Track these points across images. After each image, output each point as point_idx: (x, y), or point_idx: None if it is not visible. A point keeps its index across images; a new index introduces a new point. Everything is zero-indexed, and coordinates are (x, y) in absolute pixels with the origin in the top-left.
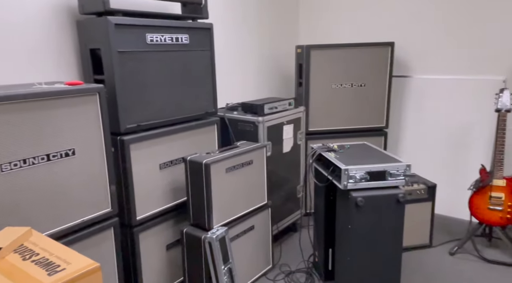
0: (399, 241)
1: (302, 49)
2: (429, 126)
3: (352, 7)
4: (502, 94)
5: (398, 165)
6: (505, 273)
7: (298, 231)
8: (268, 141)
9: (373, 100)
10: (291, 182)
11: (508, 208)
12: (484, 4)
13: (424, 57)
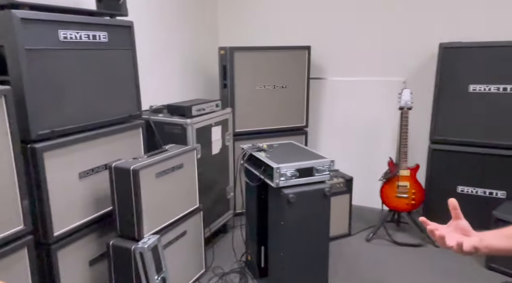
0: (327, 232)
1: (225, 50)
2: (343, 124)
3: (270, 11)
4: (403, 93)
5: (323, 161)
6: (412, 253)
7: (230, 232)
8: (197, 144)
9: (294, 101)
10: (221, 184)
11: (413, 195)
12: (386, 13)
13: (337, 60)
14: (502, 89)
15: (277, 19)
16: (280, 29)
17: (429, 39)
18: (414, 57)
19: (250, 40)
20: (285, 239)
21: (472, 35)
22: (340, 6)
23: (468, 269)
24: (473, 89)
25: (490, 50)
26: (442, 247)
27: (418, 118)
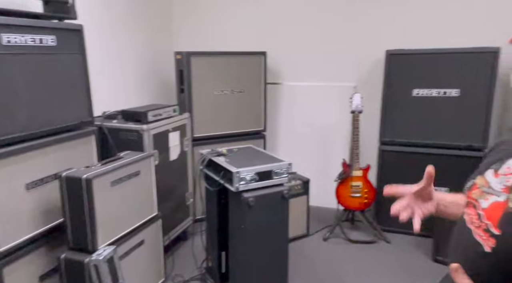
0: (286, 234)
1: (182, 55)
2: (300, 128)
3: (226, 16)
4: (354, 98)
5: (281, 164)
6: (366, 250)
7: (190, 239)
8: (154, 150)
9: (251, 105)
10: (180, 190)
11: (365, 194)
12: (338, 22)
13: (292, 66)
14: (442, 93)
15: (234, 25)
16: (237, 35)
17: (377, 46)
18: (364, 63)
19: (208, 45)
20: (245, 242)
21: (416, 42)
22: (295, 14)
23: (417, 262)
24: (417, 93)
25: (432, 57)
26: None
27: (369, 121)
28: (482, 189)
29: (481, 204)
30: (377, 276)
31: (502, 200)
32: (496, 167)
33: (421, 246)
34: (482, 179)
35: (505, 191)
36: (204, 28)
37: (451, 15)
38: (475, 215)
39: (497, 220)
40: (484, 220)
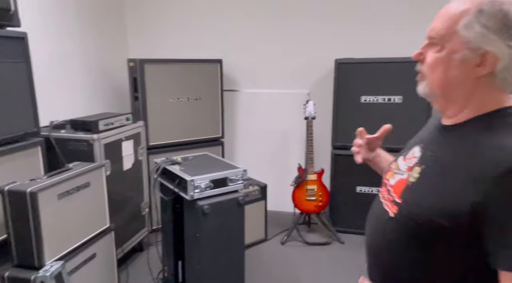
0: (242, 240)
1: (135, 63)
2: (257, 134)
3: (181, 23)
4: (307, 104)
5: (236, 171)
6: (322, 251)
7: (146, 250)
8: (106, 160)
9: (208, 112)
10: (135, 200)
11: (320, 197)
12: (291, 31)
13: (248, 73)
14: (387, 99)
15: (190, 32)
16: (193, 42)
17: (328, 55)
18: (316, 71)
19: (163, 52)
20: (201, 251)
21: (364, 52)
22: (250, 23)
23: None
24: (364, 100)
25: (377, 66)
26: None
27: (322, 127)
28: (394, 171)
29: (390, 182)
30: (332, 277)
31: (405, 177)
32: (405, 153)
33: None
34: (395, 164)
35: (408, 170)
36: (160, 35)
37: (395, 26)
38: (386, 192)
39: (400, 192)
40: (392, 194)
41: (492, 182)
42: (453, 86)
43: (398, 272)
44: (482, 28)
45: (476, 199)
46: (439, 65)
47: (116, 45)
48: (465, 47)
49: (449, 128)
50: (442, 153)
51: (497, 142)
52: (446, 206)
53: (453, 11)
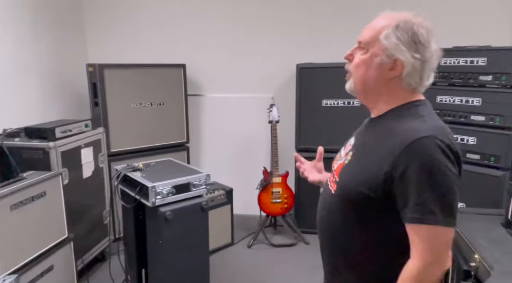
0: (206, 246)
1: (94, 68)
2: (222, 138)
3: (143, 28)
4: (271, 109)
5: (199, 176)
6: (288, 252)
7: (108, 260)
8: (63, 168)
9: (173, 117)
10: (96, 209)
11: (285, 200)
12: (255, 35)
13: (213, 78)
14: (347, 102)
15: (151, 37)
16: (155, 47)
17: (290, 60)
18: (279, 76)
19: (125, 57)
20: (164, 258)
21: (324, 56)
22: (214, 28)
23: None
24: (325, 104)
25: (337, 70)
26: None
27: (286, 130)
28: (337, 158)
29: (334, 167)
30: (297, 276)
31: (342, 161)
32: (346, 143)
33: None
34: (339, 153)
35: (345, 156)
36: (120, 40)
37: (353, 32)
38: (331, 176)
39: (338, 172)
40: (334, 176)
41: (399, 153)
42: (369, 83)
43: (340, 239)
44: (397, 40)
45: (387, 169)
46: (362, 65)
47: (74, 50)
48: (383, 53)
49: (374, 120)
50: (367, 139)
51: (403, 125)
52: (367, 178)
53: (379, 24)
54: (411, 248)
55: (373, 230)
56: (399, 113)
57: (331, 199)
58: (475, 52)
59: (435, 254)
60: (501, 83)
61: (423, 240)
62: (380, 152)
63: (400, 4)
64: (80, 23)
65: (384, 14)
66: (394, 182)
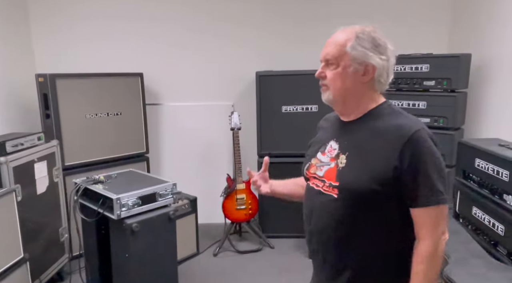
0: (174, 256)
1: (45, 78)
2: (183, 147)
3: (97, 36)
4: (232, 116)
5: (165, 185)
6: (254, 258)
7: (67, 279)
8: (16, 184)
9: (131, 127)
10: (52, 226)
11: (250, 206)
12: (213, 44)
13: (171, 86)
14: (305, 108)
15: (106, 45)
16: (110, 55)
17: (249, 68)
18: (239, 83)
19: (77, 66)
20: (131, 272)
21: (283, 64)
22: (171, 36)
23: (297, 261)
24: (285, 110)
25: (295, 78)
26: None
27: (248, 136)
28: (316, 165)
29: (319, 174)
30: (263, 280)
31: (333, 166)
32: (322, 149)
33: (300, 246)
34: (316, 160)
35: (332, 160)
36: (73, 49)
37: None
38: (319, 182)
39: (334, 177)
40: (326, 181)
41: (402, 147)
42: (349, 92)
43: (351, 238)
44: (363, 48)
45: (395, 164)
46: (338, 79)
47: (20, 59)
48: (353, 62)
49: (350, 123)
50: (355, 140)
51: (392, 123)
52: (377, 175)
53: (340, 39)
54: (420, 230)
55: (381, 222)
56: (379, 112)
57: (332, 204)
58: (419, 60)
59: (441, 229)
60: (442, 88)
61: (433, 219)
62: (381, 149)
63: (348, 18)
64: (27, 31)
65: (340, 31)
66: (402, 173)
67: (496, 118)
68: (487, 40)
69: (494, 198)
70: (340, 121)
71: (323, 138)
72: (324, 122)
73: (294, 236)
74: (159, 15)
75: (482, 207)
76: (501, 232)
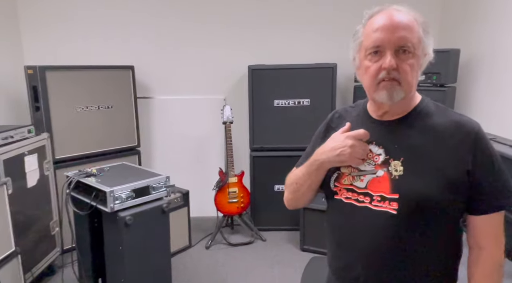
0: (168, 249)
1: (34, 70)
2: (175, 140)
3: (86, 28)
4: (224, 109)
5: (159, 178)
6: (246, 250)
7: (58, 272)
8: (6, 178)
9: (122, 121)
10: (43, 219)
11: (242, 199)
12: (204, 37)
13: (163, 79)
14: (297, 102)
15: (96, 37)
16: (101, 48)
17: (241, 61)
18: (231, 77)
19: (67, 58)
20: (125, 264)
21: (275, 58)
22: (162, 28)
23: (288, 253)
24: (277, 104)
25: (287, 72)
26: None
27: (240, 130)
28: (352, 174)
29: (359, 185)
30: (255, 272)
31: (381, 175)
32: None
33: (291, 239)
34: (348, 168)
35: (379, 168)
36: (63, 40)
37: (302, 35)
38: (361, 196)
39: (388, 188)
40: (374, 194)
41: (470, 148)
42: (414, 86)
43: (414, 261)
44: (426, 34)
45: (468, 168)
46: (413, 71)
47: (8, 51)
48: (422, 51)
49: (394, 122)
50: (409, 143)
51: (448, 121)
52: (451, 181)
53: (409, 22)
54: (486, 238)
55: (443, 236)
56: (425, 110)
57: (390, 222)
58: None
59: (503, 235)
60: (432, 82)
61: (501, 224)
62: (448, 151)
63: (341, 15)
64: (15, 22)
65: (399, 11)
66: (476, 177)
67: (484, 113)
68: (476, 35)
69: None
70: (374, 119)
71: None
72: (340, 120)
73: (286, 229)
74: (151, 8)
75: None
76: None
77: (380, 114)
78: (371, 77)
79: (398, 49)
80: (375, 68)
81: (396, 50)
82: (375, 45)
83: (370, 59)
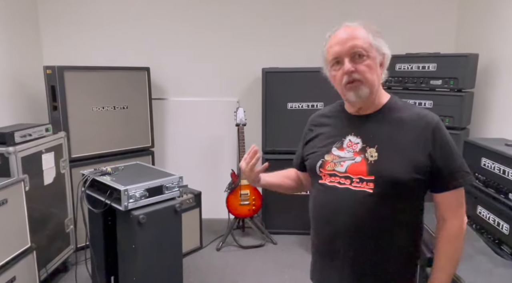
0: (179, 249)
1: (53, 70)
2: (188, 141)
3: (105, 29)
4: (238, 112)
5: (172, 178)
6: (256, 253)
7: (72, 270)
8: (24, 174)
9: (137, 121)
10: (58, 217)
11: (253, 201)
12: (219, 40)
13: (177, 81)
14: (311, 106)
15: (113, 39)
16: (118, 49)
17: (255, 64)
18: (245, 80)
19: (85, 59)
20: (137, 262)
21: (288, 61)
22: (178, 31)
23: (299, 258)
24: (291, 107)
25: (302, 75)
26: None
27: (253, 132)
28: (334, 161)
29: (340, 170)
30: (266, 276)
31: (359, 160)
32: (338, 145)
33: (303, 243)
34: (331, 156)
35: (356, 155)
36: (81, 41)
37: (315, 38)
38: (343, 179)
39: (364, 171)
40: (354, 177)
41: (430, 136)
42: (376, 85)
43: (390, 233)
44: (379, 38)
45: (429, 151)
46: (371, 71)
47: (28, 51)
48: (377, 52)
49: (368, 116)
50: (382, 133)
51: (412, 112)
52: (416, 163)
53: (360, 32)
54: (446, 211)
55: (414, 210)
56: (394, 105)
57: (367, 200)
58: (426, 59)
59: (465, 209)
60: (449, 87)
61: (461, 199)
62: (414, 138)
63: (356, 17)
64: (35, 23)
65: (345, 27)
66: (436, 160)
67: (502, 118)
68: (494, 40)
69: (499, 197)
70: (352, 115)
71: (334, 134)
72: (323, 118)
73: (297, 232)
74: (168, 11)
75: (487, 206)
76: (506, 231)
77: (356, 110)
78: (339, 83)
79: (353, 55)
80: (339, 75)
81: (352, 57)
82: (334, 57)
83: (334, 69)
